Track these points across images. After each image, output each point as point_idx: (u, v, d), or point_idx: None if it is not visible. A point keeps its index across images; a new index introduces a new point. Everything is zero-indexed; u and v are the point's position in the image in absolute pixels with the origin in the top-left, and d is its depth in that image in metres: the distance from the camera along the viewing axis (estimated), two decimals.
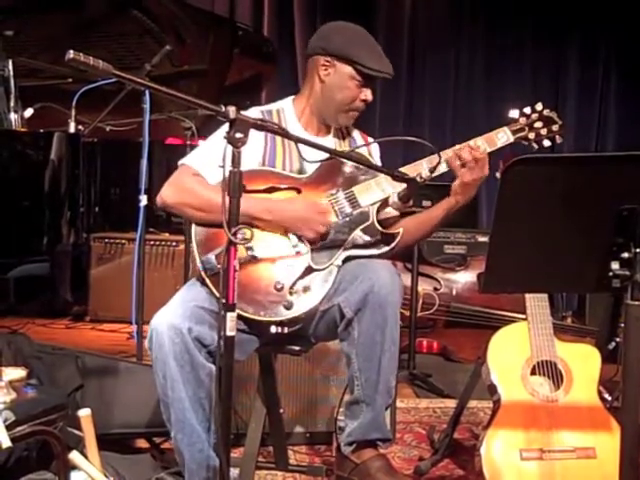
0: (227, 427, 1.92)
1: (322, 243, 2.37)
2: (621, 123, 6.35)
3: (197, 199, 2.32)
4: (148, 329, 2.22)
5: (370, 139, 2.71)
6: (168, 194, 2.38)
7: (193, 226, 2.33)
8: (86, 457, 2.22)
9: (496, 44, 6.29)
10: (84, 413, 2.26)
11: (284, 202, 2.39)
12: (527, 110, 2.54)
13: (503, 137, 2.51)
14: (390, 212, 2.49)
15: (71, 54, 1.73)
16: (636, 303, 1.74)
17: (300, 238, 2.36)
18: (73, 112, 3.99)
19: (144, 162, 3.52)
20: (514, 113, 2.54)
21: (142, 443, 2.86)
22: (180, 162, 2.45)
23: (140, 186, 3.51)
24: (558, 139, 2.56)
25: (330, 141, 2.59)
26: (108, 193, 4.16)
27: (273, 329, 2.31)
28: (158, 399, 2.27)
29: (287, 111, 2.59)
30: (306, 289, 2.32)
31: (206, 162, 2.36)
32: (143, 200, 3.52)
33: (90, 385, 2.74)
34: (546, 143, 2.55)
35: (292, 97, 2.63)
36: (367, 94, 2.52)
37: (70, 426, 2.34)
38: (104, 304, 5.00)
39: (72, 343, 4.16)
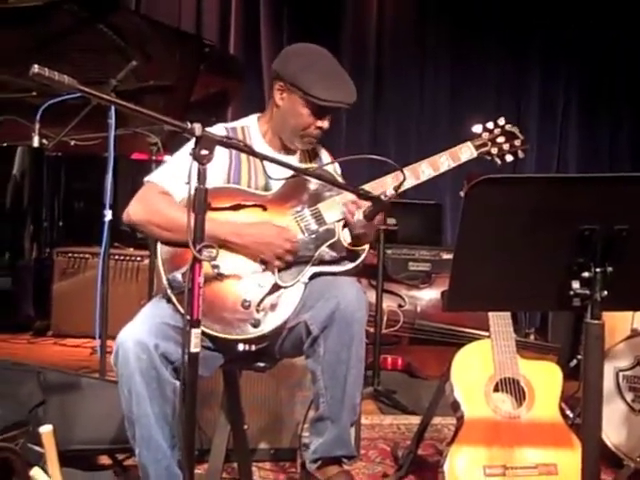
0: (191, 443, 1.91)
1: None
2: (582, 143, 6.46)
3: (164, 218, 2.31)
4: (113, 344, 2.21)
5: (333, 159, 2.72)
6: (136, 211, 2.37)
7: (159, 244, 2.32)
8: (47, 474, 2.19)
9: (460, 65, 6.38)
10: (45, 429, 2.23)
11: (253, 227, 2.37)
12: (490, 125, 2.57)
13: (467, 152, 2.53)
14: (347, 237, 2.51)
15: (36, 69, 1.72)
16: (595, 322, 1.76)
17: None
18: (37, 126, 3.97)
19: (109, 177, 3.50)
20: (477, 128, 2.57)
21: (105, 460, 2.83)
22: (146, 179, 2.44)
23: (105, 201, 3.49)
24: (520, 154, 2.59)
25: (295, 160, 2.60)
26: (72, 207, 4.14)
27: (241, 347, 2.30)
28: (121, 415, 2.25)
29: (252, 129, 2.59)
30: (273, 306, 2.32)
31: (172, 179, 2.36)
32: (108, 215, 3.49)
33: (52, 401, 2.70)
34: (509, 158, 2.58)
35: (257, 115, 2.64)
36: (322, 123, 2.50)
37: (31, 442, 2.31)
38: (67, 319, 4.95)
39: (34, 358, 4.12)
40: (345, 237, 2.47)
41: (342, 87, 2.47)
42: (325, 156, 2.70)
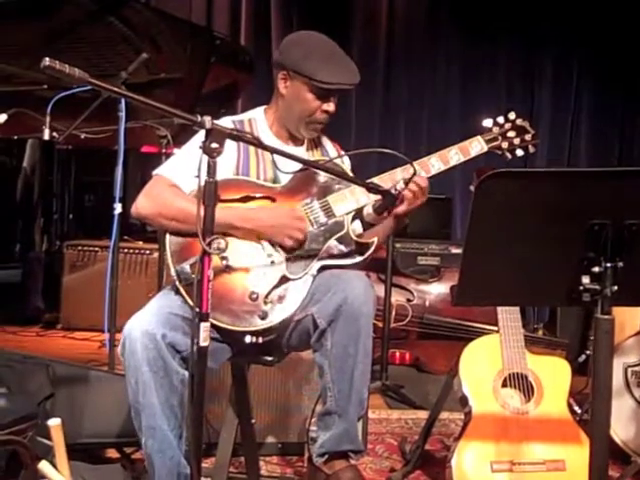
0: (199, 435, 1.91)
1: (297, 252, 2.37)
2: (594, 135, 6.42)
3: (172, 210, 2.31)
4: (121, 336, 2.21)
5: (342, 152, 2.71)
6: (144, 205, 2.37)
7: (167, 236, 2.32)
8: (55, 467, 2.19)
9: (471, 57, 6.33)
10: (54, 423, 2.23)
11: (261, 210, 2.39)
12: (500, 119, 2.55)
13: (477, 146, 2.52)
14: (358, 229, 2.51)
15: (47, 62, 1.72)
16: (606, 317, 1.75)
17: (275, 247, 2.36)
18: (48, 119, 3.98)
19: (119, 170, 3.50)
20: (488, 122, 2.56)
21: (112, 453, 2.84)
22: (155, 172, 2.45)
23: (115, 194, 3.49)
24: (531, 149, 2.58)
25: (303, 151, 2.60)
26: (82, 200, 4.15)
27: (248, 339, 2.30)
28: (129, 408, 2.25)
29: (259, 121, 2.59)
30: (281, 299, 2.32)
31: (181, 172, 2.37)
32: (117, 208, 3.50)
33: (61, 394, 2.71)
34: (519, 153, 2.56)
35: (263, 107, 2.64)
36: (328, 106, 2.50)
37: (40, 435, 2.32)
38: (76, 312, 4.96)
39: (43, 351, 4.12)
40: (354, 229, 2.47)
41: (345, 69, 2.48)
42: (329, 145, 2.69)
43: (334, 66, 2.46)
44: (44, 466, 2.15)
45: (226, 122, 2.48)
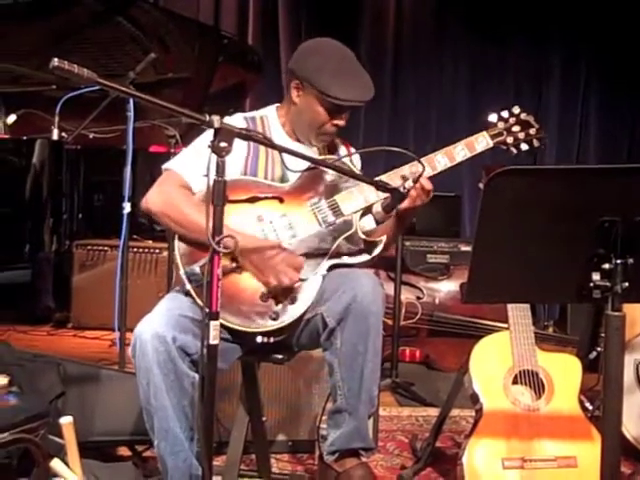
0: (210, 435, 1.92)
1: (306, 252, 2.37)
2: (603, 131, 6.40)
3: (180, 215, 2.30)
4: (132, 337, 2.22)
5: (352, 149, 2.71)
6: (154, 201, 2.37)
7: (177, 236, 2.33)
8: (67, 465, 2.20)
9: (478, 58, 6.32)
10: (66, 421, 2.24)
11: (263, 244, 2.33)
12: (505, 114, 2.55)
13: (482, 142, 2.51)
14: (369, 224, 2.50)
15: (55, 62, 1.72)
16: (616, 314, 1.75)
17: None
18: (56, 119, 3.99)
19: (128, 169, 3.51)
20: (492, 117, 2.55)
21: (124, 451, 2.85)
22: (166, 166, 2.44)
23: (124, 193, 3.50)
24: (536, 143, 2.57)
25: (315, 151, 2.59)
26: (91, 200, 4.16)
27: (259, 339, 2.31)
28: (140, 407, 2.26)
29: (271, 119, 2.59)
30: (292, 299, 2.32)
31: (191, 169, 2.36)
32: (127, 207, 3.51)
33: (72, 393, 2.72)
34: (524, 147, 2.56)
35: (276, 105, 2.63)
36: (338, 121, 2.49)
37: (52, 434, 2.33)
38: (86, 311, 4.97)
39: (54, 350, 4.13)
40: (365, 225, 2.47)
41: (358, 85, 2.46)
42: (341, 145, 2.69)
43: (348, 81, 2.44)
44: (56, 464, 2.16)
45: (237, 119, 2.49)
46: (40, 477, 2.12)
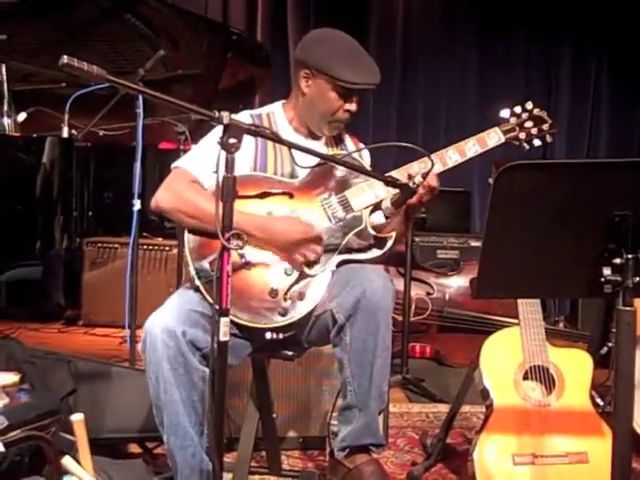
0: (220, 431, 1.92)
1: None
2: (613, 126, 6.38)
3: (191, 207, 2.30)
4: (142, 332, 2.22)
5: (361, 144, 2.71)
6: (164, 198, 2.37)
7: (186, 233, 2.32)
8: (78, 462, 2.21)
9: (488, 47, 6.31)
10: (77, 418, 2.25)
11: (280, 223, 2.36)
12: (517, 109, 2.54)
13: (494, 137, 2.51)
14: (379, 219, 2.50)
15: (65, 59, 1.72)
16: (627, 309, 1.74)
17: None
18: (66, 116, 4.00)
19: (137, 166, 3.51)
20: (505, 113, 2.55)
21: (135, 448, 2.86)
22: (174, 165, 2.44)
23: (133, 191, 3.50)
24: (549, 138, 2.56)
25: (321, 145, 2.59)
26: (101, 197, 4.15)
27: (268, 335, 2.31)
28: (151, 404, 2.26)
29: (277, 115, 2.59)
30: (301, 295, 2.32)
31: (201, 166, 2.36)
32: (136, 205, 3.51)
33: (83, 390, 2.73)
34: (536, 142, 2.55)
35: (282, 102, 2.64)
36: (350, 106, 2.50)
37: (63, 431, 2.34)
38: (97, 308, 4.99)
39: (65, 347, 4.15)
40: (375, 220, 2.47)
41: (367, 68, 2.48)
42: (348, 140, 2.69)
43: (357, 66, 2.46)
44: (67, 461, 2.17)
45: (244, 116, 2.48)
46: (51, 474, 2.13)
